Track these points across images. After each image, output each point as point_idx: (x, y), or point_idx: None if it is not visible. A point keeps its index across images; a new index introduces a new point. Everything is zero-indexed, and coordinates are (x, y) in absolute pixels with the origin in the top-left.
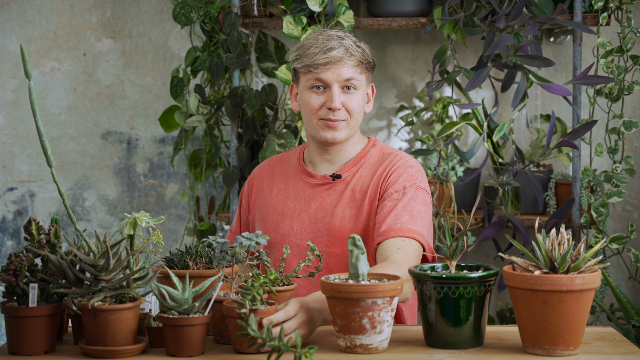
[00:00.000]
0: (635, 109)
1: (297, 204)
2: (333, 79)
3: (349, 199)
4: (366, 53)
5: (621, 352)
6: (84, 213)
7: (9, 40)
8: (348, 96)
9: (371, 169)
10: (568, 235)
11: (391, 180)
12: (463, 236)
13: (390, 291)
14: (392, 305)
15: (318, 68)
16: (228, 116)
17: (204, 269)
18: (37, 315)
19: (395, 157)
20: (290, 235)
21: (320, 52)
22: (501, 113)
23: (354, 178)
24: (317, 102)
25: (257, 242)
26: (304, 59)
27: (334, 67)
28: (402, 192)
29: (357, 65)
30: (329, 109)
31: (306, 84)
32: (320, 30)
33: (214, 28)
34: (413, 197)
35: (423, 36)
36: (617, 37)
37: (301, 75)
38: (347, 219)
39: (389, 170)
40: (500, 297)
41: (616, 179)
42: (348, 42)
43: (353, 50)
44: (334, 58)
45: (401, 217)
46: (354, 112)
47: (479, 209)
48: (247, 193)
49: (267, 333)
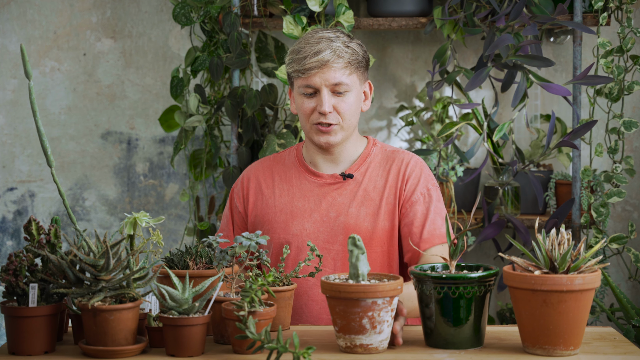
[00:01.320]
0: (635, 109)
1: (307, 203)
2: (321, 83)
3: (362, 198)
4: (356, 52)
5: (621, 352)
6: (84, 213)
7: (9, 40)
8: (339, 99)
9: (380, 167)
10: (568, 235)
11: (412, 182)
12: (463, 236)
13: (390, 291)
14: (392, 305)
15: (306, 73)
16: (228, 116)
17: (204, 269)
18: (37, 315)
19: (404, 156)
20: (302, 235)
21: (308, 56)
22: (501, 113)
23: (364, 177)
24: (308, 106)
25: (257, 242)
26: (294, 63)
27: (321, 72)
28: (428, 194)
29: (345, 66)
30: (320, 113)
31: (298, 90)
32: (314, 31)
33: (214, 28)
34: (438, 199)
35: (423, 36)
36: (617, 37)
37: (294, 80)
38: (362, 218)
39: (405, 170)
40: (500, 297)
41: (616, 179)
42: (336, 44)
43: (341, 52)
44: (321, 62)
45: (436, 222)
46: (346, 114)
47: (479, 209)
48: (242, 195)
49: (265, 335)
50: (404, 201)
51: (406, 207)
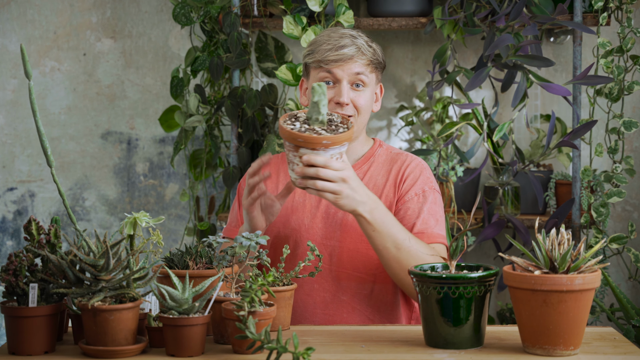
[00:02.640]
0: (635, 109)
1: (307, 199)
2: (343, 75)
3: None
4: (377, 53)
5: (621, 352)
6: (84, 213)
7: (9, 40)
8: (357, 93)
9: (382, 167)
10: (568, 235)
11: (409, 182)
12: (463, 236)
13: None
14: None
15: (329, 64)
16: (228, 116)
17: (204, 269)
18: (37, 315)
19: (407, 158)
20: (301, 230)
21: (332, 48)
22: (501, 113)
23: (365, 176)
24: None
25: (257, 242)
26: (315, 54)
27: (344, 64)
28: (423, 195)
29: (367, 64)
30: (337, 103)
31: (316, 78)
32: (334, 29)
33: (214, 28)
34: (434, 201)
35: (423, 36)
36: (617, 37)
37: (312, 70)
38: None
39: (404, 170)
40: (500, 297)
41: (616, 179)
42: (360, 42)
43: (364, 50)
44: (345, 56)
45: (429, 222)
46: (362, 109)
47: (479, 209)
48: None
49: (265, 335)
50: (398, 199)
51: (399, 205)
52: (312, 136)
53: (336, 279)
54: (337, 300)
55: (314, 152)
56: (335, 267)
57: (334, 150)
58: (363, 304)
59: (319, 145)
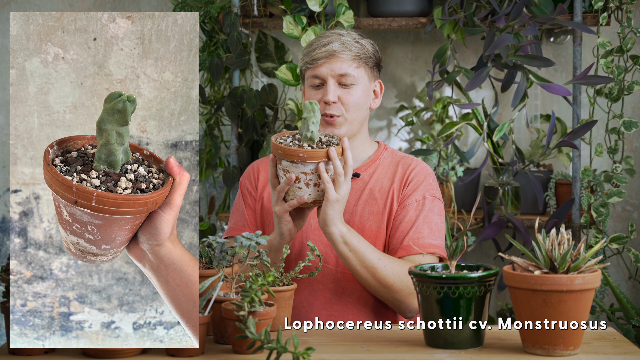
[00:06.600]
0: (635, 109)
1: None
2: (327, 74)
3: (367, 197)
4: (365, 48)
5: (621, 352)
6: None
7: (9, 40)
8: (345, 91)
9: (387, 170)
10: (568, 235)
11: (412, 186)
12: (463, 236)
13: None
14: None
15: (314, 63)
16: (228, 116)
17: (204, 269)
18: None
19: (412, 162)
20: (307, 231)
21: (317, 47)
22: (501, 113)
23: (371, 178)
24: (315, 98)
25: (257, 242)
26: (305, 57)
27: (328, 62)
28: (422, 202)
29: (352, 59)
30: (325, 102)
31: (308, 82)
32: (328, 32)
33: (214, 28)
34: (431, 209)
35: (423, 36)
36: (617, 37)
37: (304, 72)
38: (366, 216)
39: (409, 174)
40: (500, 297)
41: (616, 179)
42: (346, 38)
43: (349, 45)
44: (329, 52)
45: (422, 231)
46: (351, 106)
47: (479, 209)
48: (253, 180)
49: (265, 335)
50: (399, 203)
51: (399, 210)
52: (290, 147)
53: (341, 280)
54: (342, 302)
55: (293, 165)
56: (341, 269)
57: (312, 164)
58: (368, 306)
59: (296, 158)
